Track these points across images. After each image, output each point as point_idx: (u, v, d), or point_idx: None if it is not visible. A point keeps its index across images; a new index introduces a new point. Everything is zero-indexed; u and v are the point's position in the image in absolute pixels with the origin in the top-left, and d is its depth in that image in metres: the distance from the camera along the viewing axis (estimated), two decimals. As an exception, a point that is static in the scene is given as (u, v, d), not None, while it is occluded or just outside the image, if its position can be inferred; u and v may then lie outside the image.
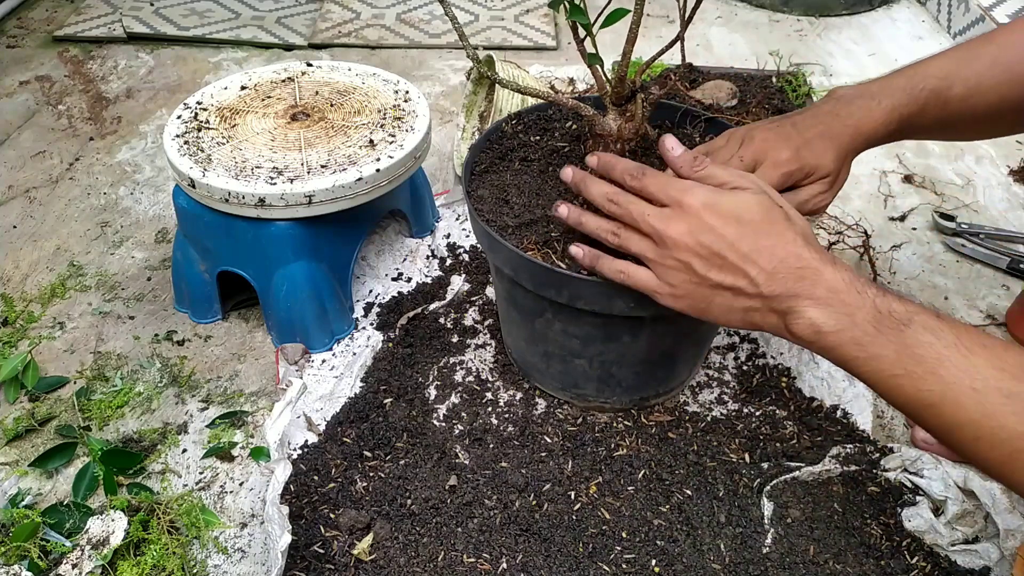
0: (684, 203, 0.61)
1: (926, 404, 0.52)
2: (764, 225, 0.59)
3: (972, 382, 0.50)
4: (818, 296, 0.57)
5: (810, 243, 0.59)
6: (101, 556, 0.68)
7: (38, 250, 1.12)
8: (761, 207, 0.60)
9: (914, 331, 0.53)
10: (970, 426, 0.50)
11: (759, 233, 0.59)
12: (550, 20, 1.73)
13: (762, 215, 0.60)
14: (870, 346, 0.54)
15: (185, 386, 0.92)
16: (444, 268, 1.07)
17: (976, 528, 0.75)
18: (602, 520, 0.76)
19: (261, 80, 1.04)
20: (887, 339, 0.54)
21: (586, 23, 0.69)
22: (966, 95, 0.72)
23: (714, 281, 0.61)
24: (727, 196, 0.61)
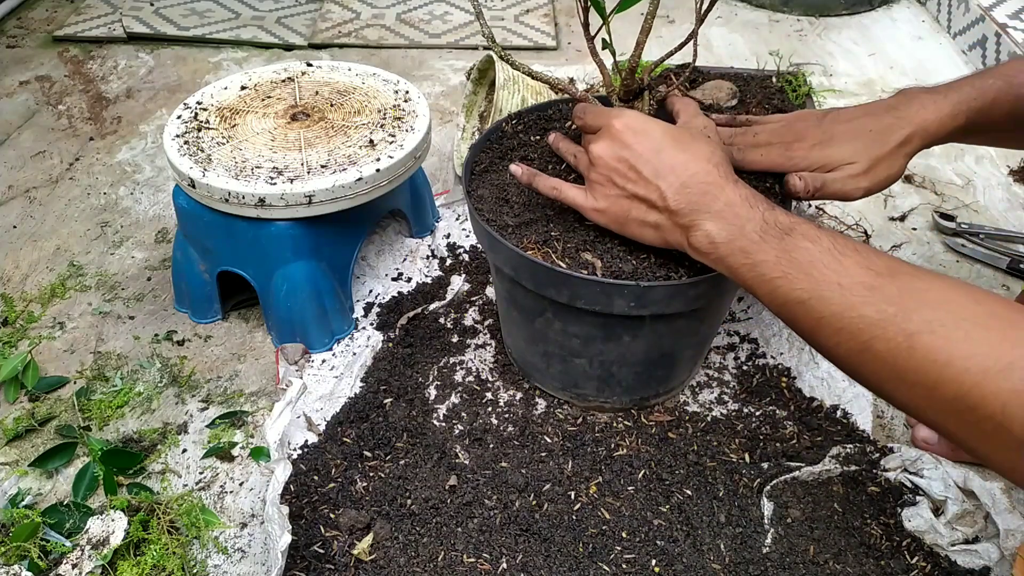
0: (609, 125, 0.67)
1: (798, 302, 0.56)
2: (679, 144, 0.65)
3: (839, 279, 0.54)
4: (716, 210, 0.61)
5: (720, 166, 0.63)
6: (101, 556, 0.68)
7: (38, 250, 1.12)
8: (678, 131, 0.66)
9: (794, 238, 0.57)
10: (833, 319, 0.54)
11: (674, 150, 0.64)
12: (550, 20, 1.73)
13: (678, 135, 0.65)
14: (755, 253, 0.58)
15: (185, 386, 0.92)
16: (444, 268, 1.07)
17: (976, 528, 0.75)
18: (602, 520, 0.76)
19: (261, 80, 1.04)
20: (769, 246, 0.58)
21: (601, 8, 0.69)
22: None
23: (630, 192, 0.66)
24: (648, 119, 0.67)
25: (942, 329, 0.49)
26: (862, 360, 0.53)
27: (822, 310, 0.54)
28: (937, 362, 0.48)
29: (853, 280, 0.54)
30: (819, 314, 0.55)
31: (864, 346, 0.52)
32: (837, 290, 0.54)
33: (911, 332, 0.50)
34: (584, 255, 0.72)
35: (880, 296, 0.52)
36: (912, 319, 0.50)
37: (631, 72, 0.73)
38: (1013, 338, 0.47)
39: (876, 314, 0.52)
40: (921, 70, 1.56)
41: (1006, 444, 0.45)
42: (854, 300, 0.53)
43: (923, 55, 1.62)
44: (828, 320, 0.54)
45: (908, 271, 0.53)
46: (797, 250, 0.57)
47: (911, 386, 0.50)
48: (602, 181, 0.68)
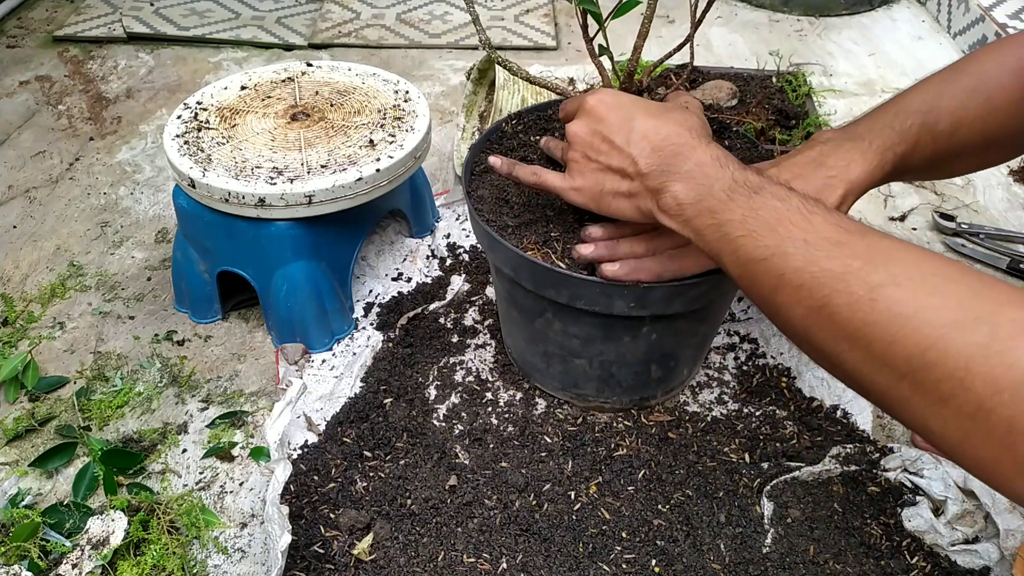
0: (583, 103, 0.67)
1: (760, 259, 0.53)
2: (651, 112, 0.64)
3: (805, 235, 0.52)
4: (685, 170, 0.60)
5: (694, 130, 0.62)
6: (101, 556, 0.68)
7: (38, 250, 1.12)
8: (654, 103, 0.66)
9: (763, 197, 0.55)
10: (795, 275, 0.51)
11: (646, 117, 0.63)
12: (550, 20, 1.73)
13: (650, 106, 0.65)
14: (721, 213, 0.57)
15: (185, 386, 0.92)
16: (444, 268, 1.07)
17: (976, 528, 0.75)
18: (602, 520, 0.76)
19: (261, 80, 1.04)
20: (736, 204, 0.56)
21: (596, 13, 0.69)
22: (952, 130, 0.70)
23: (603, 164, 0.65)
24: (620, 94, 0.67)
25: (909, 282, 0.46)
26: (819, 319, 0.49)
27: (784, 266, 0.52)
28: (900, 315, 0.45)
29: (819, 236, 0.51)
30: (780, 271, 0.52)
31: (823, 301, 0.49)
32: (802, 246, 0.51)
33: (875, 284, 0.47)
34: None
35: (847, 251, 0.50)
36: (878, 271, 0.47)
37: (629, 75, 0.73)
38: (984, 295, 0.44)
39: (840, 267, 0.49)
40: (921, 70, 1.56)
41: (963, 408, 0.42)
42: (818, 255, 0.50)
43: (923, 55, 1.62)
44: (789, 276, 0.51)
45: (879, 233, 0.51)
46: (764, 208, 0.55)
47: (867, 344, 0.47)
48: (577, 159, 0.67)
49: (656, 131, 0.62)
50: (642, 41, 0.71)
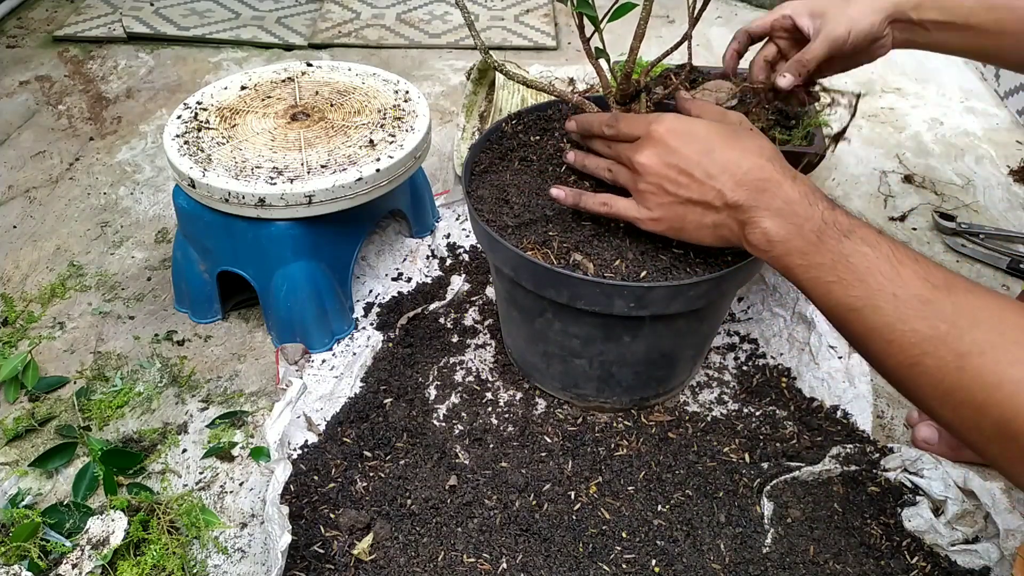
0: (651, 131, 0.66)
1: (851, 308, 0.55)
2: (728, 141, 0.63)
3: (895, 289, 0.53)
4: (775, 207, 0.60)
5: (774, 160, 0.62)
6: (101, 556, 0.68)
7: (38, 250, 1.12)
8: (723, 128, 0.65)
9: (853, 242, 0.56)
10: (885, 329, 0.53)
11: (724, 148, 0.63)
12: (550, 20, 1.73)
13: (725, 132, 0.64)
14: (811, 255, 0.58)
15: (185, 386, 0.92)
16: (444, 268, 1.07)
17: (976, 528, 0.75)
18: (602, 520, 0.76)
19: (261, 80, 1.04)
20: (827, 248, 0.57)
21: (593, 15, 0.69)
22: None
23: (684, 197, 0.64)
24: (690, 120, 0.66)
25: (992, 351, 0.48)
26: (911, 375, 0.52)
27: (875, 320, 0.54)
28: (986, 385, 0.47)
29: (909, 292, 0.53)
30: (871, 324, 0.54)
31: (914, 360, 0.51)
32: (891, 301, 0.53)
33: (962, 352, 0.49)
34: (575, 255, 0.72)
35: (934, 311, 0.51)
36: (964, 339, 0.49)
37: (627, 76, 0.73)
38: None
39: (929, 330, 0.51)
40: (921, 69, 1.56)
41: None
42: (908, 313, 0.52)
43: (923, 54, 1.62)
44: (880, 331, 0.53)
45: (964, 286, 0.52)
46: (855, 255, 0.56)
47: (958, 406, 0.49)
48: (653, 190, 0.66)
49: (738, 164, 0.62)
50: (639, 43, 0.71)
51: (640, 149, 0.66)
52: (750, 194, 0.61)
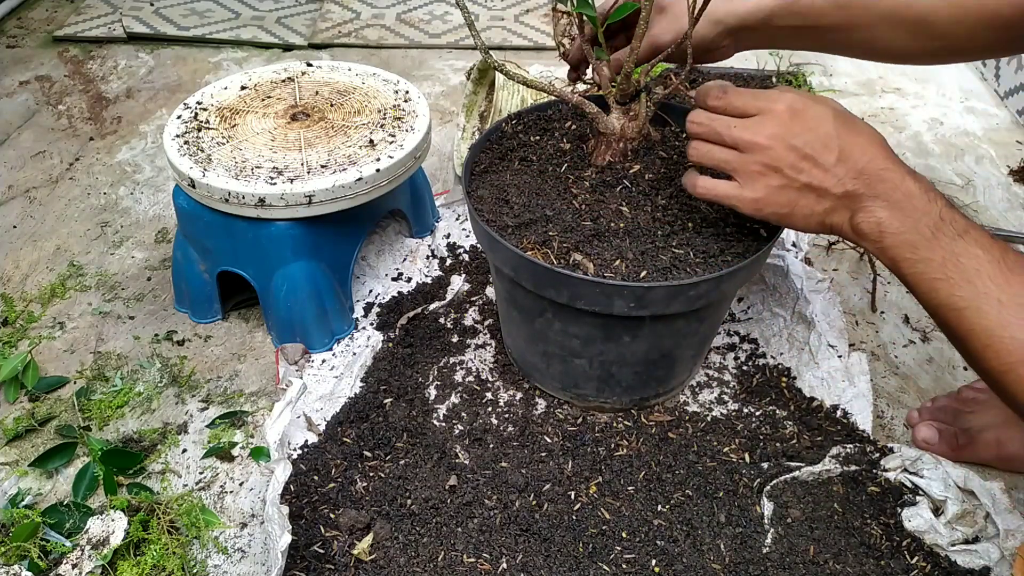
0: (773, 109, 0.62)
1: (954, 308, 0.55)
2: (851, 126, 0.62)
3: (1001, 294, 0.53)
4: (895, 199, 0.59)
5: (888, 149, 0.62)
6: (101, 556, 0.68)
7: (38, 250, 1.12)
8: (842, 114, 0.63)
9: (966, 243, 0.56)
10: (984, 334, 0.53)
11: (849, 133, 0.61)
12: (550, 20, 1.73)
13: (846, 117, 0.63)
14: (922, 250, 0.57)
15: (185, 386, 0.92)
16: (444, 268, 1.07)
17: (976, 528, 0.75)
18: (602, 520, 0.76)
19: (261, 80, 1.04)
20: (939, 245, 0.56)
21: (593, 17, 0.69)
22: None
23: (802, 182, 0.62)
24: (812, 102, 0.63)
25: None
26: (1005, 380, 0.52)
27: (976, 322, 0.54)
28: None
29: (1015, 300, 0.53)
30: (972, 326, 0.54)
31: (1009, 367, 0.52)
32: (996, 306, 0.53)
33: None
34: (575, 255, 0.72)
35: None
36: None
37: (627, 77, 0.73)
38: None
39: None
40: (921, 69, 1.56)
41: None
42: (1011, 319, 0.52)
43: (923, 55, 1.62)
44: (979, 334, 0.53)
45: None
46: (966, 255, 0.56)
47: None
48: (765, 172, 0.63)
49: (863, 151, 0.60)
50: (639, 43, 0.71)
51: (759, 127, 0.62)
52: (870, 184, 0.60)
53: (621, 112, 0.75)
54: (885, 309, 1.04)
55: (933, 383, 0.94)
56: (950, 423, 0.85)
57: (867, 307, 1.04)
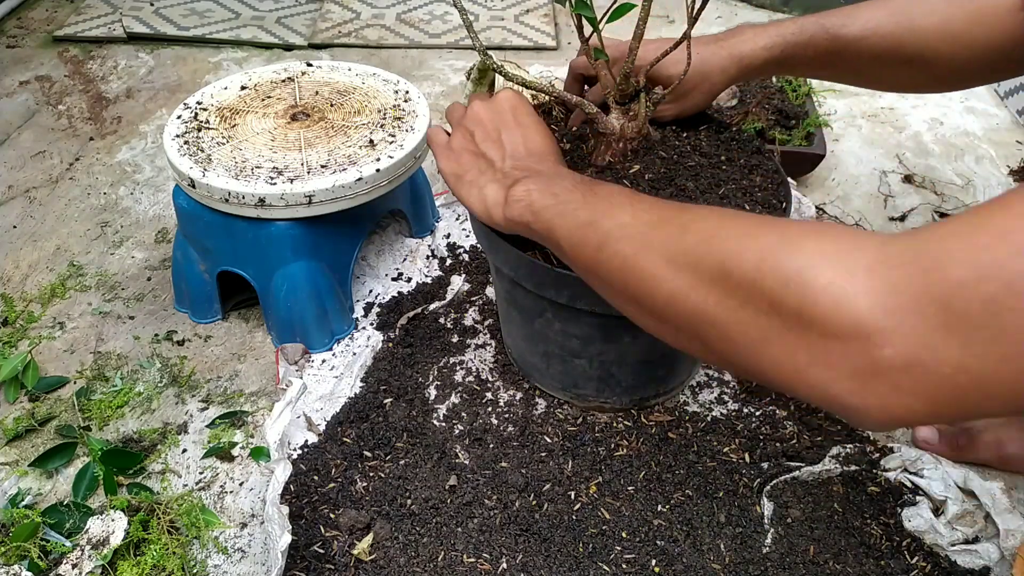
0: (496, 96, 0.73)
1: (588, 223, 0.57)
2: (526, 120, 0.71)
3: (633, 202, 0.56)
4: (542, 171, 0.65)
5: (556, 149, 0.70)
6: (101, 556, 0.68)
7: (38, 250, 1.12)
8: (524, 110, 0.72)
9: (601, 185, 0.61)
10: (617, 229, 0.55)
11: (524, 126, 0.70)
12: (550, 20, 1.73)
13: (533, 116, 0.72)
14: (562, 194, 0.60)
15: (185, 386, 0.92)
16: (444, 268, 1.07)
17: (976, 528, 0.75)
18: (602, 520, 0.76)
19: (261, 80, 1.04)
20: (578, 191, 0.60)
21: (592, 18, 0.69)
22: (861, 34, 0.76)
23: (480, 151, 0.70)
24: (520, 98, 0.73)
25: (712, 215, 0.52)
26: (636, 263, 0.52)
27: (609, 224, 0.55)
28: (705, 238, 0.49)
29: (648, 203, 0.56)
30: (606, 229, 0.55)
31: (644, 242, 0.52)
32: (629, 209, 0.55)
33: (686, 222, 0.51)
34: None
35: (663, 208, 0.55)
36: (688, 212, 0.53)
37: (626, 77, 0.73)
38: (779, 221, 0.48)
39: (659, 219, 0.53)
40: (921, 70, 1.56)
41: (759, 307, 0.44)
42: (643, 215, 0.54)
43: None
44: (613, 231, 0.55)
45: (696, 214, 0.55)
46: (600, 186, 0.60)
47: (679, 269, 0.49)
48: (463, 133, 0.72)
49: (533, 140, 0.69)
50: (637, 43, 0.71)
51: (468, 109, 0.73)
52: (529, 162, 0.67)
53: (620, 112, 0.75)
54: (885, 309, 1.03)
55: (933, 383, 0.94)
56: (950, 423, 0.85)
57: (867, 307, 1.04)
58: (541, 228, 0.61)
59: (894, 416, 0.41)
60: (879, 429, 0.43)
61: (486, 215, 0.67)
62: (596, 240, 0.56)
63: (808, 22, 0.78)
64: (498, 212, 0.65)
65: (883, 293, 0.39)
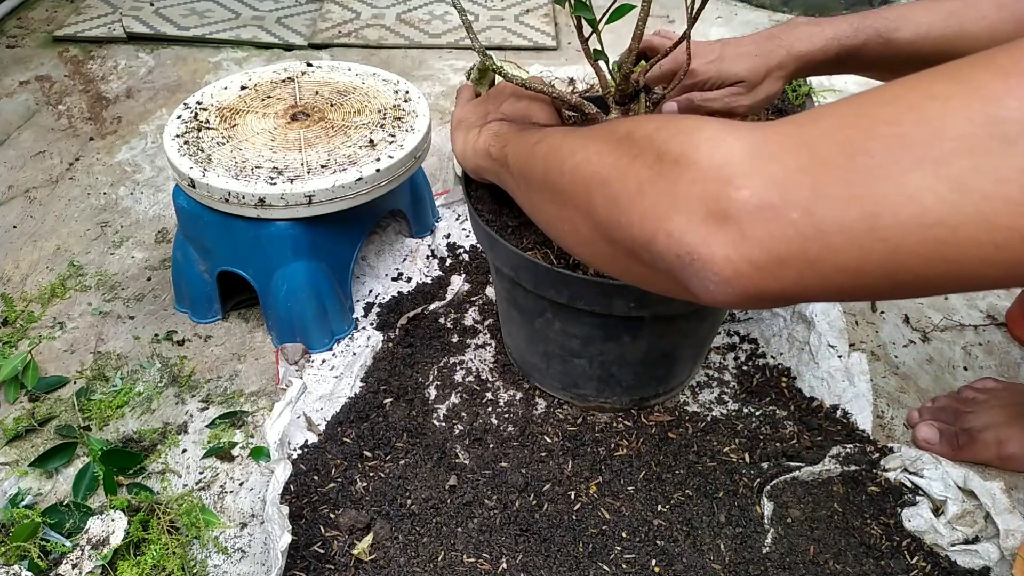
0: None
1: (536, 142, 0.60)
2: (532, 95, 0.74)
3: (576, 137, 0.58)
4: (520, 122, 0.69)
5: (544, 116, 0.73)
6: (101, 556, 0.68)
7: (38, 250, 1.12)
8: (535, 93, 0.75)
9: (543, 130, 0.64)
10: (566, 141, 0.57)
11: (528, 97, 0.74)
12: (550, 20, 1.73)
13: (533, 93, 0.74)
14: (526, 129, 0.65)
15: (185, 386, 0.92)
16: (444, 268, 1.07)
17: (976, 528, 0.75)
18: (602, 520, 0.76)
19: (261, 80, 1.04)
20: (542, 127, 0.65)
21: (591, 18, 0.69)
22: (913, 39, 0.77)
23: (485, 109, 0.75)
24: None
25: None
26: (561, 144, 0.55)
27: (551, 130, 0.59)
28: (626, 121, 0.52)
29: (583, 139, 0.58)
30: (546, 132, 0.59)
31: (573, 131, 0.56)
32: (578, 128, 0.58)
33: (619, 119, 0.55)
34: None
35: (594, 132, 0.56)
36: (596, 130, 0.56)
37: (625, 77, 0.73)
38: None
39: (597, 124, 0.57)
40: (921, 70, 1.56)
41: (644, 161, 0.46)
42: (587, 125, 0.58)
43: (923, 55, 1.62)
44: (552, 131, 0.59)
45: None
46: (547, 132, 0.63)
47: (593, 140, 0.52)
48: (483, 97, 0.77)
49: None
50: (637, 43, 0.71)
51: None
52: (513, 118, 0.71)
53: (620, 112, 0.75)
54: (885, 309, 1.04)
55: (933, 383, 0.94)
56: (950, 423, 0.85)
57: (867, 307, 1.04)
58: (497, 151, 0.65)
59: (738, 270, 0.40)
60: (724, 295, 0.42)
61: (462, 155, 0.72)
62: (536, 139, 0.59)
63: (862, 24, 0.78)
64: (469, 146, 0.70)
65: (757, 141, 0.41)
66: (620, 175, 0.47)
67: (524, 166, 0.61)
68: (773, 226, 0.39)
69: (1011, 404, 0.84)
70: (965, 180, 0.34)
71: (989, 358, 0.97)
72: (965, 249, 0.35)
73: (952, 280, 0.37)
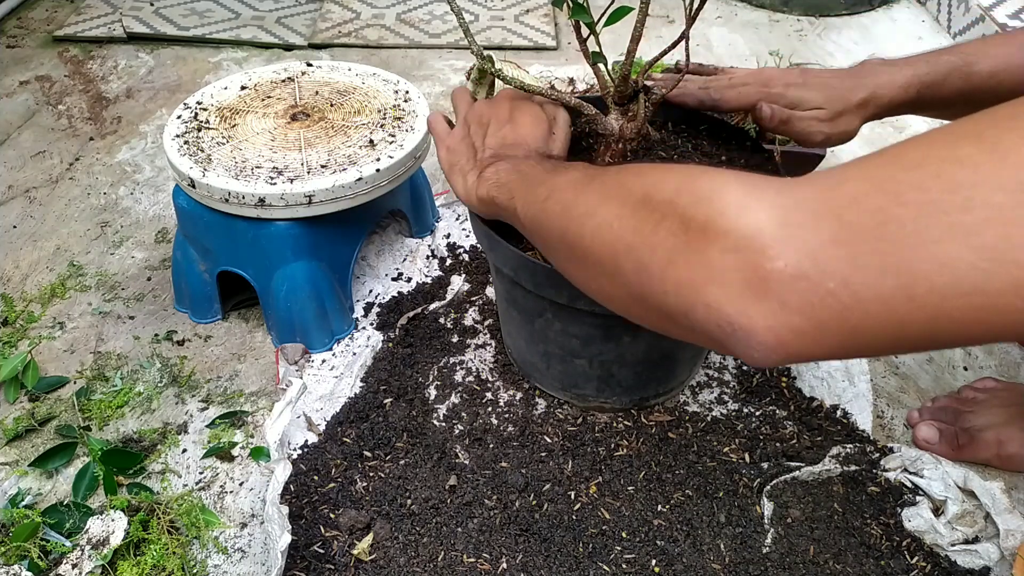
0: (499, 96, 0.76)
1: (543, 198, 0.59)
2: (518, 115, 0.72)
3: (583, 171, 0.58)
4: (515, 156, 0.67)
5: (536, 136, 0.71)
6: (101, 556, 0.68)
7: (38, 250, 1.12)
8: (520, 106, 0.74)
9: (564, 164, 0.64)
10: (566, 190, 0.57)
11: (513, 120, 0.72)
12: (550, 20, 1.73)
13: (519, 109, 0.73)
14: (527, 171, 0.63)
15: (185, 386, 0.92)
16: (444, 268, 1.07)
17: (976, 528, 0.75)
18: (602, 520, 0.76)
19: (261, 80, 1.04)
20: (542, 167, 0.62)
21: (589, 21, 0.69)
22: (993, 71, 0.76)
23: (471, 142, 0.72)
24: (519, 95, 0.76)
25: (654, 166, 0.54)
26: (576, 202, 0.54)
27: (559, 180, 0.58)
28: (637, 174, 0.51)
29: (603, 167, 0.59)
30: (554, 183, 0.58)
31: (585, 186, 0.55)
32: (581, 169, 0.59)
33: (626, 169, 0.54)
34: None
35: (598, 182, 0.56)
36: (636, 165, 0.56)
37: (624, 78, 0.73)
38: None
39: (603, 172, 0.56)
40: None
41: (669, 229, 0.45)
42: (592, 171, 0.57)
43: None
44: (560, 183, 0.58)
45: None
46: (564, 164, 0.63)
47: (609, 200, 0.51)
48: (462, 126, 0.74)
49: (514, 133, 0.71)
50: (635, 45, 0.71)
51: (478, 99, 0.77)
52: (504, 150, 0.69)
53: (619, 113, 0.75)
54: (885, 309, 1.04)
55: (933, 383, 0.94)
56: (950, 423, 0.85)
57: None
58: (505, 200, 0.64)
59: (780, 339, 0.41)
60: (768, 360, 0.42)
61: (466, 198, 0.70)
62: (544, 194, 0.59)
63: (940, 61, 0.77)
64: (473, 193, 0.68)
65: (784, 208, 0.40)
66: (646, 243, 0.47)
67: (536, 223, 0.60)
68: (812, 296, 0.39)
69: (1011, 404, 0.84)
70: (998, 250, 0.34)
71: (989, 358, 0.97)
72: (1004, 315, 0.36)
73: (993, 336, 0.38)
